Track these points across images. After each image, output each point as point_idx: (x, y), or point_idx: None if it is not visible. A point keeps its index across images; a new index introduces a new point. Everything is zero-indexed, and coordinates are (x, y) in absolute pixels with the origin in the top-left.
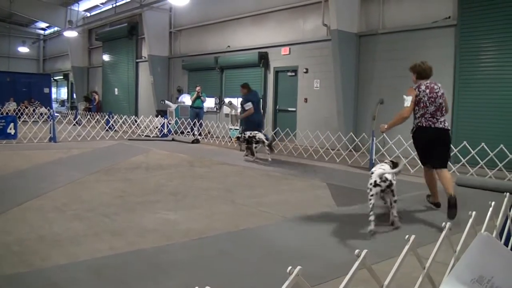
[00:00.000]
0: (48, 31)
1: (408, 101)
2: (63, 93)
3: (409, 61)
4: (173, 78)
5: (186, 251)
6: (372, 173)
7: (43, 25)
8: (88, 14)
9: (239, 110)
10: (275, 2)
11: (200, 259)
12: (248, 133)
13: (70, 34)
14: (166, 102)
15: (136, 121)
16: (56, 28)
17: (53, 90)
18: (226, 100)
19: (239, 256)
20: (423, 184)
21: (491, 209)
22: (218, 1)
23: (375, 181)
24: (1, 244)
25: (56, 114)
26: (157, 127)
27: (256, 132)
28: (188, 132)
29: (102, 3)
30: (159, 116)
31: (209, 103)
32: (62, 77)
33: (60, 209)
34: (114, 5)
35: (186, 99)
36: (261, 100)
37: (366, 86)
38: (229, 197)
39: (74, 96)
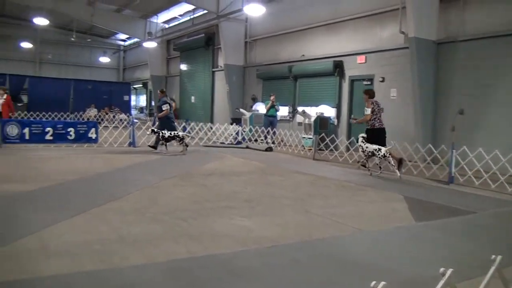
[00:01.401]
0: (128, 42)
1: (368, 111)
2: (142, 100)
3: (494, 70)
4: (247, 87)
5: (259, 258)
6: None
7: (123, 36)
8: (167, 26)
9: (312, 118)
10: (351, 10)
11: (273, 267)
12: (168, 133)
13: (150, 44)
14: (241, 110)
15: (211, 128)
16: (135, 39)
17: (133, 97)
18: (300, 109)
19: (312, 266)
20: (504, 201)
21: None
22: (293, 11)
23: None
24: (83, 242)
25: (135, 120)
26: (231, 135)
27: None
28: (262, 140)
29: (180, 15)
30: (234, 123)
31: (283, 111)
32: (141, 85)
33: (139, 212)
34: (191, 17)
35: (260, 108)
36: (337, 108)
37: (445, 95)
38: (303, 206)
39: (153, 104)
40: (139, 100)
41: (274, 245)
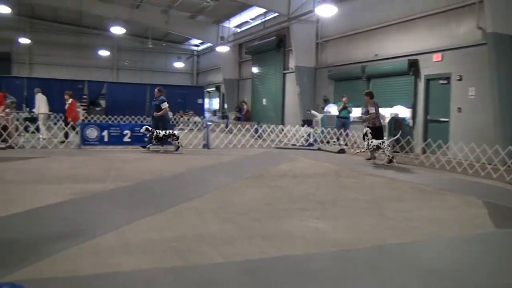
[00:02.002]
0: (201, 47)
1: (372, 110)
2: (215, 103)
3: None
4: (319, 88)
5: (334, 261)
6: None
7: (197, 41)
8: (238, 30)
9: (387, 120)
10: (425, 7)
11: (348, 270)
12: (162, 132)
13: (222, 49)
14: (312, 112)
15: (282, 130)
16: (208, 44)
17: (206, 100)
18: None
19: (388, 271)
20: None
21: None
22: (365, 10)
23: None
24: (162, 239)
25: (208, 123)
26: (303, 136)
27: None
28: (334, 141)
29: (252, 19)
30: (305, 125)
31: (356, 113)
32: (214, 88)
33: (214, 211)
34: (263, 20)
35: (332, 109)
36: (412, 109)
37: None
38: (377, 209)
39: (225, 106)
40: (212, 103)
41: (348, 248)
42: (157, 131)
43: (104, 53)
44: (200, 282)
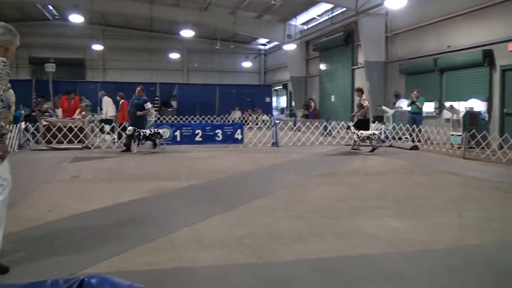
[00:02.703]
0: (268, 46)
1: (366, 102)
2: (283, 101)
3: None
4: (389, 83)
5: (410, 261)
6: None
7: (264, 41)
8: (305, 27)
9: (461, 114)
10: None
11: (425, 272)
12: (148, 131)
13: (289, 47)
14: (383, 107)
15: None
16: (275, 43)
17: (273, 99)
18: (447, 104)
19: (467, 274)
20: None
21: None
22: (435, 0)
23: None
24: (234, 236)
25: (276, 121)
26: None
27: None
28: (406, 138)
29: (318, 15)
30: (376, 121)
31: (428, 107)
32: (281, 87)
33: (285, 209)
34: (330, 16)
35: (404, 104)
36: (488, 102)
37: None
38: (454, 209)
39: (293, 104)
40: (280, 101)
41: (425, 249)
42: (143, 130)
43: (174, 56)
44: (272, 279)
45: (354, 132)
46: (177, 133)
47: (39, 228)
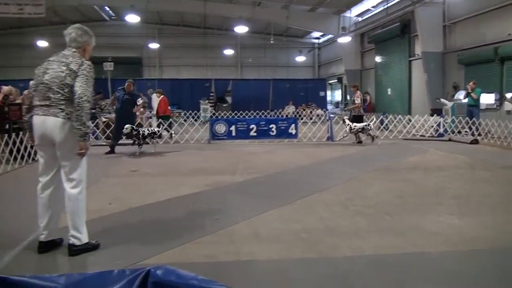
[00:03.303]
0: (322, 40)
1: (358, 100)
2: (337, 95)
3: None
4: (448, 74)
5: (472, 262)
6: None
7: (317, 34)
8: (360, 19)
9: None
10: None
11: (484, 273)
12: (147, 130)
13: (344, 40)
14: (441, 100)
15: (410, 121)
16: (329, 36)
17: (328, 93)
18: (508, 95)
19: None
20: None
21: None
22: None
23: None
24: (291, 231)
25: (331, 115)
26: (432, 126)
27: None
28: (466, 131)
29: (373, 7)
30: (434, 115)
31: (488, 99)
32: (336, 80)
33: (343, 204)
34: (385, 7)
35: (463, 96)
36: None
37: None
38: None
39: (348, 98)
40: (334, 95)
41: (486, 248)
42: (142, 129)
43: (228, 52)
44: (329, 274)
45: (348, 124)
46: (232, 128)
47: (100, 220)
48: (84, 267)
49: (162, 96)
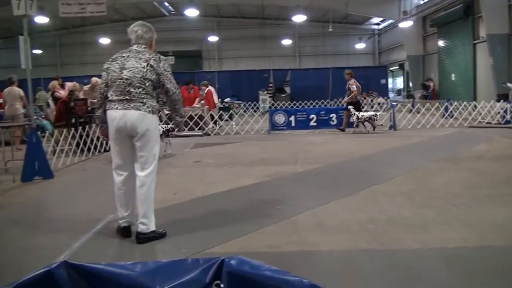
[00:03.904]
0: (382, 25)
1: (354, 87)
2: (399, 82)
3: None
4: None
5: None
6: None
7: (377, 20)
8: (422, 2)
9: None
10: None
11: None
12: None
13: (405, 24)
14: (508, 84)
15: (475, 107)
16: (390, 21)
17: (389, 80)
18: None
19: None
20: None
21: None
22: None
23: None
24: (355, 221)
25: (394, 103)
26: (498, 113)
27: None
28: None
29: None
30: (501, 100)
31: None
32: (397, 67)
33: (407, 195)
34: None
35: None
36: None
37: None
38: None
39: (410, 85)
40: (396, 83)
41: None
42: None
43: (286, 42)
44: (396, 266)
45: (354, 114)
46: (292, 118)
47: (165, 209)
48: (152, 255)
49: (208, 88)
